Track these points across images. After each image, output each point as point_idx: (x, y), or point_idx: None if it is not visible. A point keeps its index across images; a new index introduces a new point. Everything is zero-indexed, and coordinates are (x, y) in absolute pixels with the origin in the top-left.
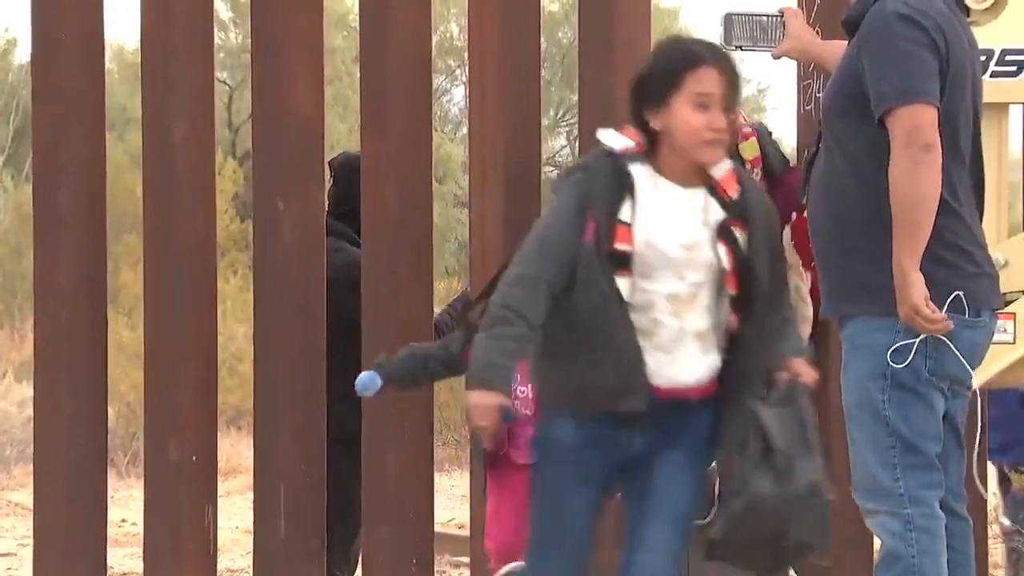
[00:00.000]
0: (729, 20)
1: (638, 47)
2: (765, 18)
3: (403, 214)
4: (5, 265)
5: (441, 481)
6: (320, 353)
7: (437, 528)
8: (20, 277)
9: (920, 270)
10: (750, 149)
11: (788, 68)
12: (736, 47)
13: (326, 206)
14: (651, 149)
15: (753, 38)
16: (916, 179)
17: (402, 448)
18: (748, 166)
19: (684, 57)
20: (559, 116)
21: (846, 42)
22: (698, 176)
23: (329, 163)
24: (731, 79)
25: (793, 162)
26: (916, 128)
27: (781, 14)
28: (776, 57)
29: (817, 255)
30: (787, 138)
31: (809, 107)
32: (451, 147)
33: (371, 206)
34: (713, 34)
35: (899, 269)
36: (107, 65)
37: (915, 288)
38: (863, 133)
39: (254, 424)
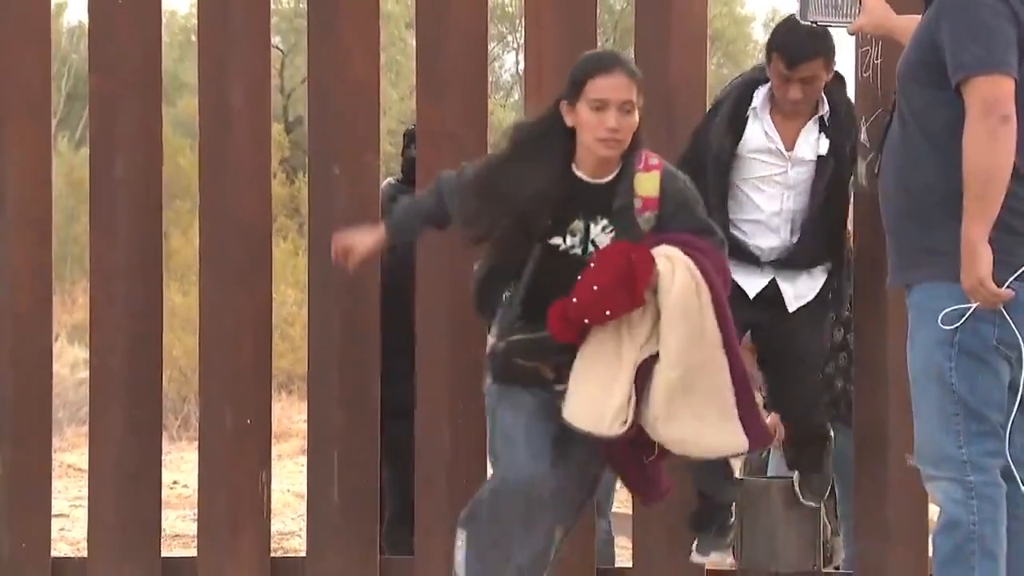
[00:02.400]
0: None
1: (695, 14)
2: None
3: None
4: (58, 230)
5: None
6: (374, 320)
7: None
8: (72, 241)
9: (989, 239)
10: (647, 184)
11: (845, 35)
12: (811, 22)
13: (400, 173)
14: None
15: (828, 13)
16: (990, 150)
17: (456, 419)
18: (640, 203)
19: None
20: None
21: (919, 16)
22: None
23: (406, 132)
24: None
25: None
26: (994, 99)
27: None
28: (852, 32)
29: (886, 222)
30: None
31: (867, 74)
32: (503, 113)
33: (426, 174)
34: (789, 8)
35: (967, 240)
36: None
37: (982, 261)
38: (939, 101)
39: (308, 391)
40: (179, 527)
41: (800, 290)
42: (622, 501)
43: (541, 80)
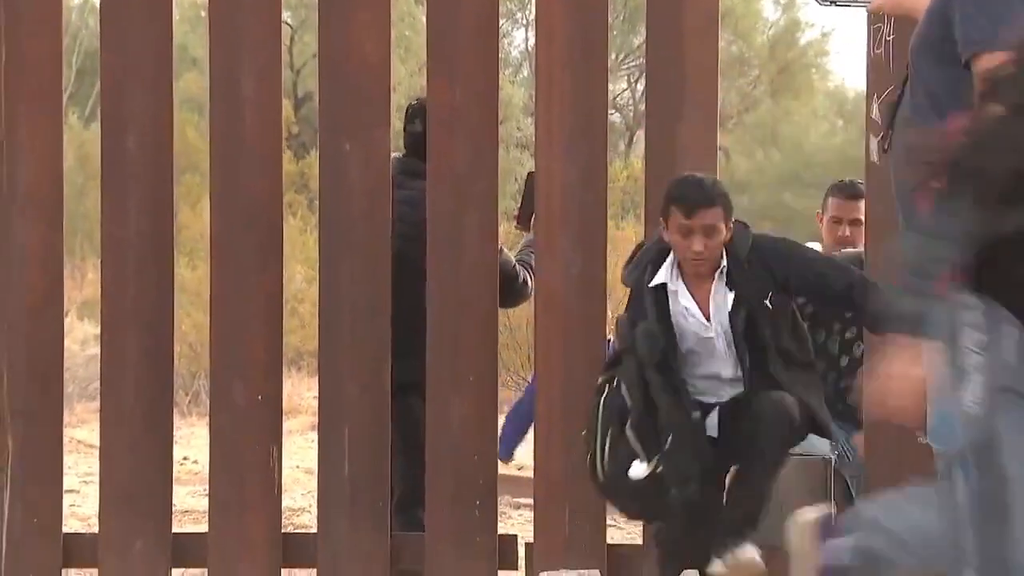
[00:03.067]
0: None
1: None
2: None
3: (469, 158)
4: (68, 206)
5: (501, 423)
6: (385, 296)
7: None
8: (81, 217)
9: None
10: None
11: (857, 29)
12: (831, 2)
13: (402, 147)
14: None
15: None
16: None
17: (466, 391)
18: None
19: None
20: (620, 59)
21: None
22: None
23: (409, 106)
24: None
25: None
26: None
27: None
28: (872, 11)
29: (898, 198)
30: (857, 82)
31: (879, 51)
32: (512, 89)
33: (437, 150)
34: None
35: None
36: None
37: None
38: (951, 77)
39: (319, 367)
40: (189, 503)
41: None
42: None
43: (551, 57)
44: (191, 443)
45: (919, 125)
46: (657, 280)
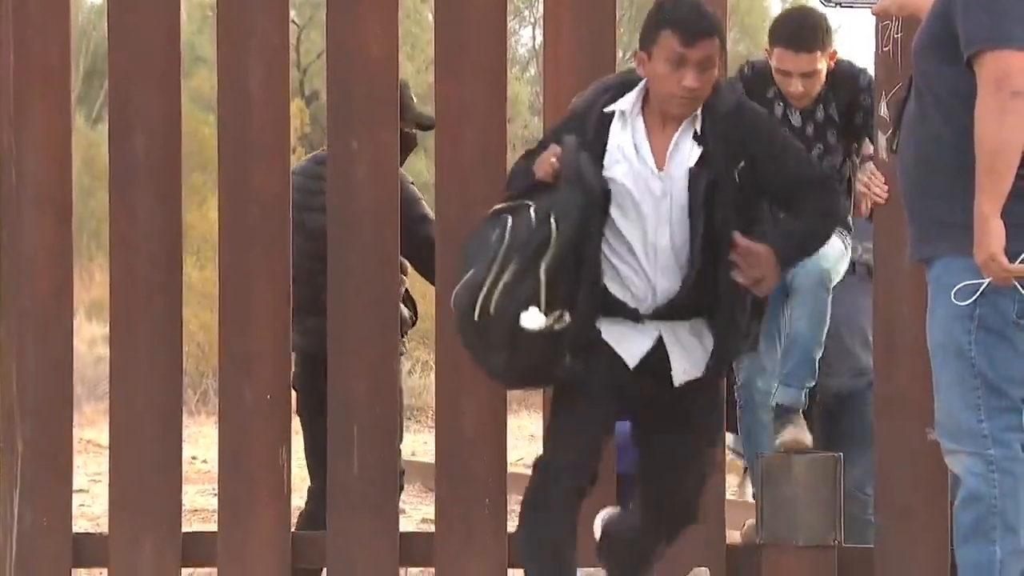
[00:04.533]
0: None
1: None
2: None
3: (476, 156)
4: (75, 206)
5: (510, 422)
6: (393, 290)
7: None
8: (89, 217)
9: (1009, 211)
10: None
11: (865, 26)
12: (835, 4)
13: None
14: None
15: None
16: (1001, 126)
17: (475, 390)
18: None
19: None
20: (627, 57)
21: None
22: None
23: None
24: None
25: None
26: (1005, 74)
27: None
28: (876, 13)
29: (905, 197)
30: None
31: (887, 48)
32: (519, 87)
33: (445, 148)
34: None
35: (979, 214)
36: None
37: (993, 237)
38: (952, 74)
39: (328, 364)
40: (199, 502)
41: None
42: None
43: (559, 54)
44: (200, 442)
45: (922, 125)
46: (616, 106)
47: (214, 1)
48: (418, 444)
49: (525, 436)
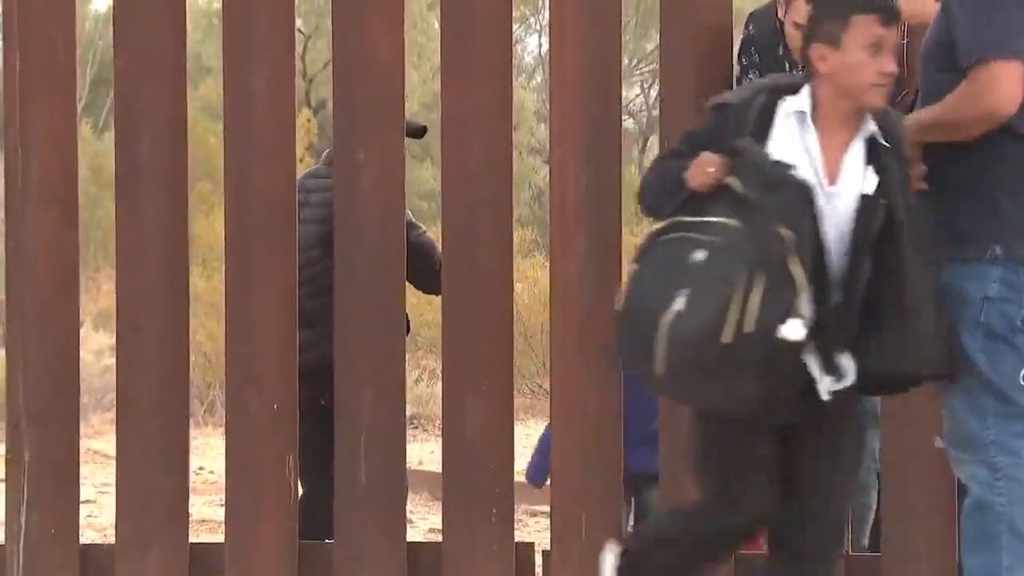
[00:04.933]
0: None
1: None
2: None
3: (483, 164)
4: (81, 213)
5: (517, 431)
6: (399, 298)
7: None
8: (95, 226)
9: (1006, 212)
10: None
11: None
12: None
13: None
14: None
15: None
16: (964, 128)
17: (481, 399)
18: None
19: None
20: (633, 65)
21: None
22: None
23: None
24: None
25: None
26: (1006, 97)
27: None
28: None
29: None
30: None
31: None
32: (525, 95)
33: (451, 156)
34: None
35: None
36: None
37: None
38: (951, 82)
39: (335, 372)
40: (206, 513)
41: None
42: None
43: (564, 62)
44: (207, 453)
45: None
46: (793, 106)
47: (219, 9)
48: (425, 453)
49: (532, 445)
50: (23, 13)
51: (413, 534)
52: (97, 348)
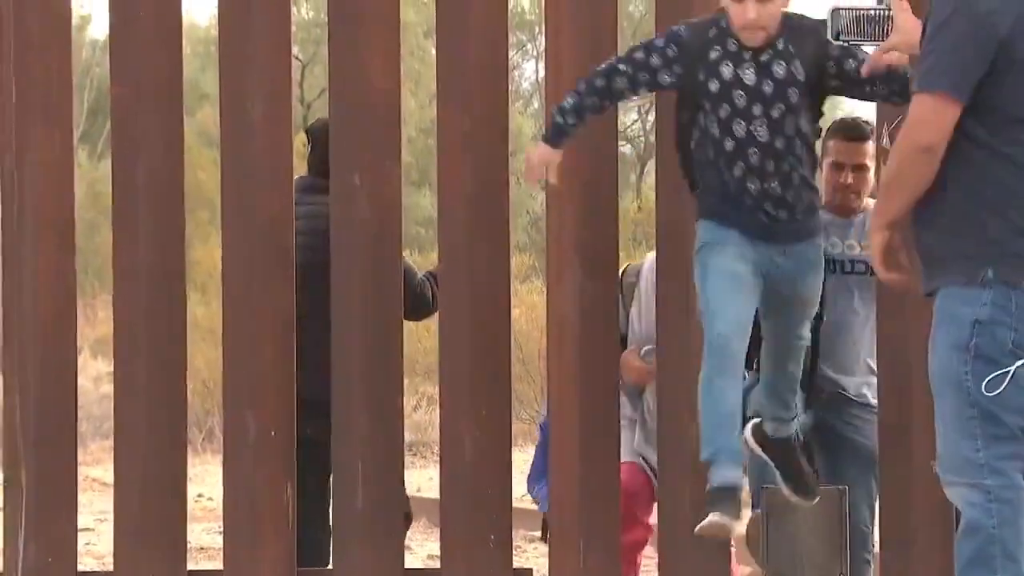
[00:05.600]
0: (836, 14)
1: None
2: (872, 12)
3: (479, 189)
4: (79, 241)
5: (515, 456)
6: (397, 325)
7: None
8: (92, 254)
9: (994, 235)
10: None
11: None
12: (844, 41)
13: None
14: None
15: (860, 32)
16: (903, 170)
17: (479, 425)
18: None
19: None
20: None
21: None
22: None
23: (307, 130)
24: None
25: None
26: (924, 122)
27: (888, 7)
28: (884, 51)
29: (911, 229)
30: (866, 112)
31: None
32: (522, 121)
33: (447, 182)
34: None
35: (870, 225)
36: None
37: (874, 249)
38: None
39: (332, 396)
40: (204, 540)
41: None
42: None
43: (560, 88)
44: (205, 480)
45: None
46: None
47: (216, 36)
48: (423, 480)
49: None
50: (19, 41)
51: (412, 561)
52: (95, 375)
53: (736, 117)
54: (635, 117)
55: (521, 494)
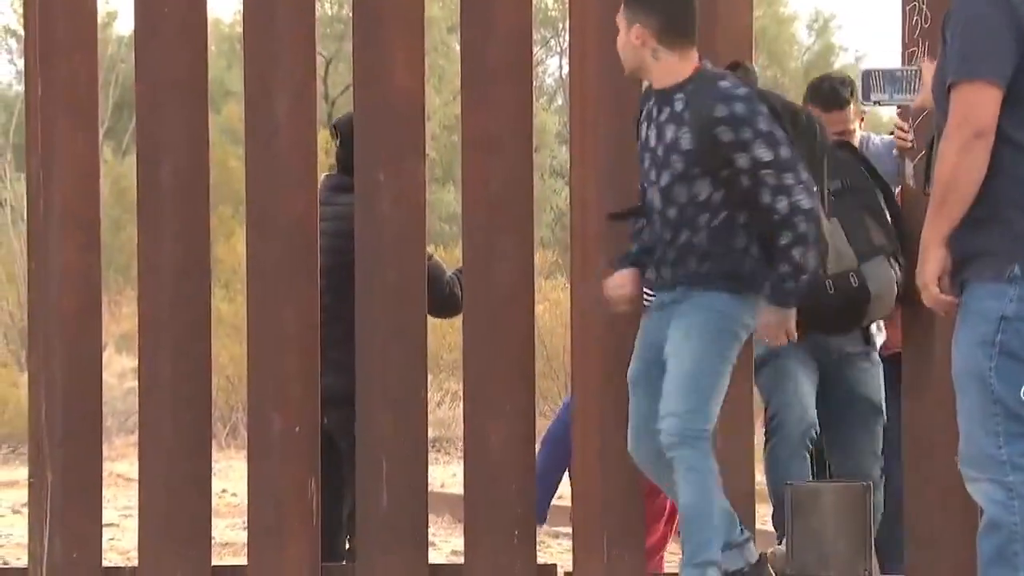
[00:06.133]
0: (868, 76)
1: (740, 17)
2: (901, 72)
3: (504, 186)
4: (104, 237)
5: (538, 451)
6: (420, 322)
7: None
8: (117, 250)
9: (1020, 231)
10: None
11: (890, 35)
12: (875, 102)
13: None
14: None
15: (891, 93)
16: (959, 163)
17: (504, 421)
18: None
19: None
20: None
21: None
22: None
23: (333, 125)
24: None
25: None
26: (971, 110)
27: (917, 67)
28: (916, 109)
29: None
30: (890, 108)
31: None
32: (546, 117)
33: (472, 178)
34: (832, 9)
35: (922, 240)
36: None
37: (930, 265)
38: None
39: (357, 395)
40: (228, 536)
41: None
42: None
43: (584, 83)
44: (229, 475)
45: None
46: None
47: (241, 33)
48: (447, 476)
49: None
50: (44, 39)
51: (435, 556)
52: (120, 371)
53: (645, 179)
54: None
55: None
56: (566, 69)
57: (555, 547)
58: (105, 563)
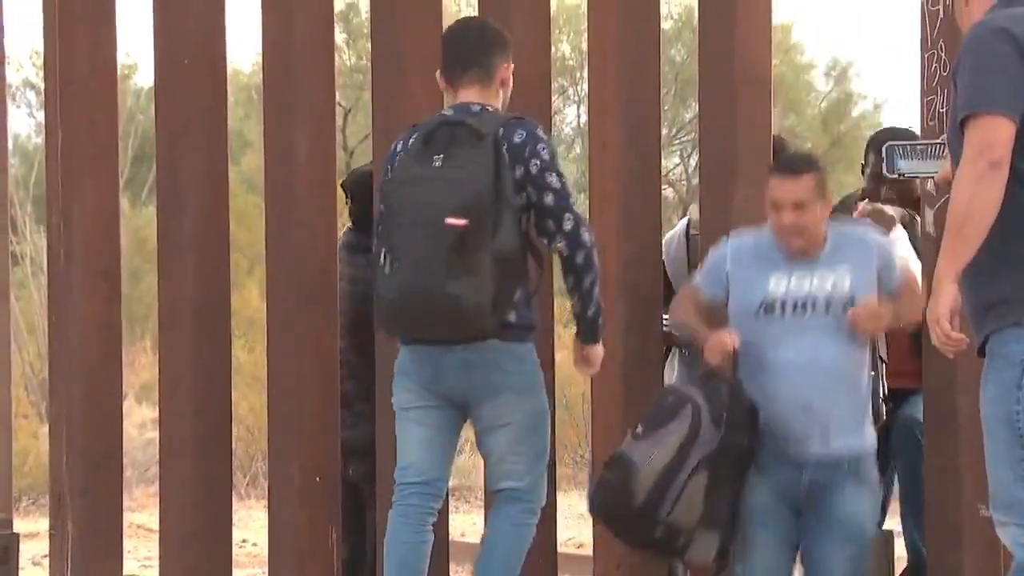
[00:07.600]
0: (891, 150)
1: (758, 64)
2: (923, 145)
3: None
4: (123, 287)
5: (559, 501)
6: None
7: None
8: (136, 300)
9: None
10: None
11: (909, 82)
12: (899, 174)
13: (350, 223)
14: None
15: (914, 162)
16: (975, 194)
17: None
18: None
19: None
20: (672, 134)
21: None
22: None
23: (342, 185)
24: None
25: None
26: (986, 142)
27: (941, 141)
28: (939, 182)
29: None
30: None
31: (932, 123)
32: (565, 165)
33: None
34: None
35: (936, 274)
36: None
37: (942, 299)
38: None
39: (375, 442)
40: None
41: None
42: None
43: (604, 133)
44: (250, 525)
45: None
46: None
47: (260, 83)
48: (467, 525)
49: (575, 515)
50: (65, 91)
51: None
52: (140, 421)
53: None
54: (677, 161)
55: (566, 538)
56: (584, 118)
57: None
58: None
